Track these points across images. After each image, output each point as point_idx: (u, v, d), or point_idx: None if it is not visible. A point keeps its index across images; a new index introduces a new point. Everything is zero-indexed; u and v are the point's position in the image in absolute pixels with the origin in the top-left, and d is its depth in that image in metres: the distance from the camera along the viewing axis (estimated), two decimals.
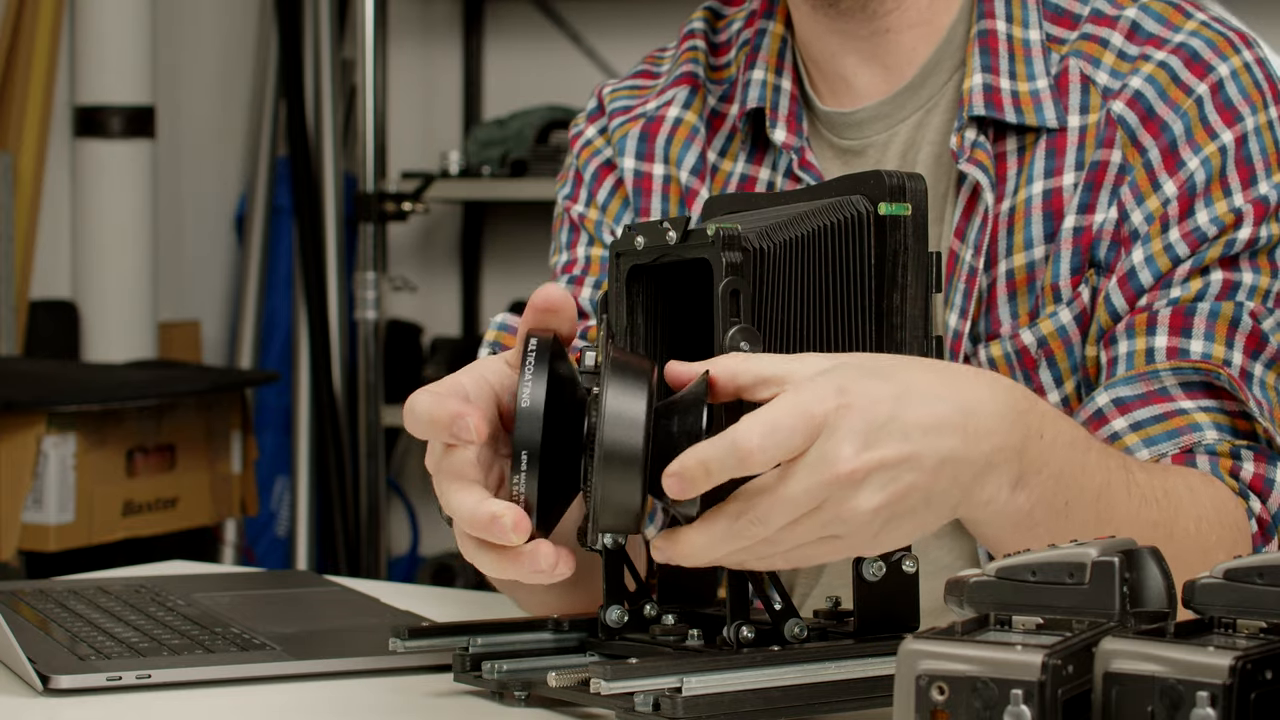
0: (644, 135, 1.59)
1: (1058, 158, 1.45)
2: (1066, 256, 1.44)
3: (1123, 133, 1.44)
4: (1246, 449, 1.37)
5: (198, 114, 4.28)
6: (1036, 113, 1.45)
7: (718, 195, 1.39)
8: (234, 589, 1.66)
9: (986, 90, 1.46)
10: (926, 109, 1.51)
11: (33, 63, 3.80)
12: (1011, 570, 0.96)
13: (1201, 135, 1.43)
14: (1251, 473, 1.36)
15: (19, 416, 3.20)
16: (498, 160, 3.94)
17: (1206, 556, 1.26)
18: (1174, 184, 1.42)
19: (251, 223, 4.24)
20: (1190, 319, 1.40)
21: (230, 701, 1.27)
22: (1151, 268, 1.42)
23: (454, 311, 4.36)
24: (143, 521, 3.40)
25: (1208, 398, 1.39)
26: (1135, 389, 1.38)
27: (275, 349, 4.24)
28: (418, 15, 4.39)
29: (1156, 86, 1.44)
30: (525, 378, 1.09)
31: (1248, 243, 1.42)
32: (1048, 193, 1.44)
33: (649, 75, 1.64)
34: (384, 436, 4.03)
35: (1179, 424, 1.37)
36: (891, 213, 1.18)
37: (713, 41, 1.61)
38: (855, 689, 1.15)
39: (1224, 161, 1.43)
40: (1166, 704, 0.83)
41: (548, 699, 1.21)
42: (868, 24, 1.50)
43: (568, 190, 1.62)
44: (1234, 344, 1.40)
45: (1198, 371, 1.39)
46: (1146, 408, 1.38)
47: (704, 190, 1.56)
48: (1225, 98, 1.44)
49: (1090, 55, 1.47)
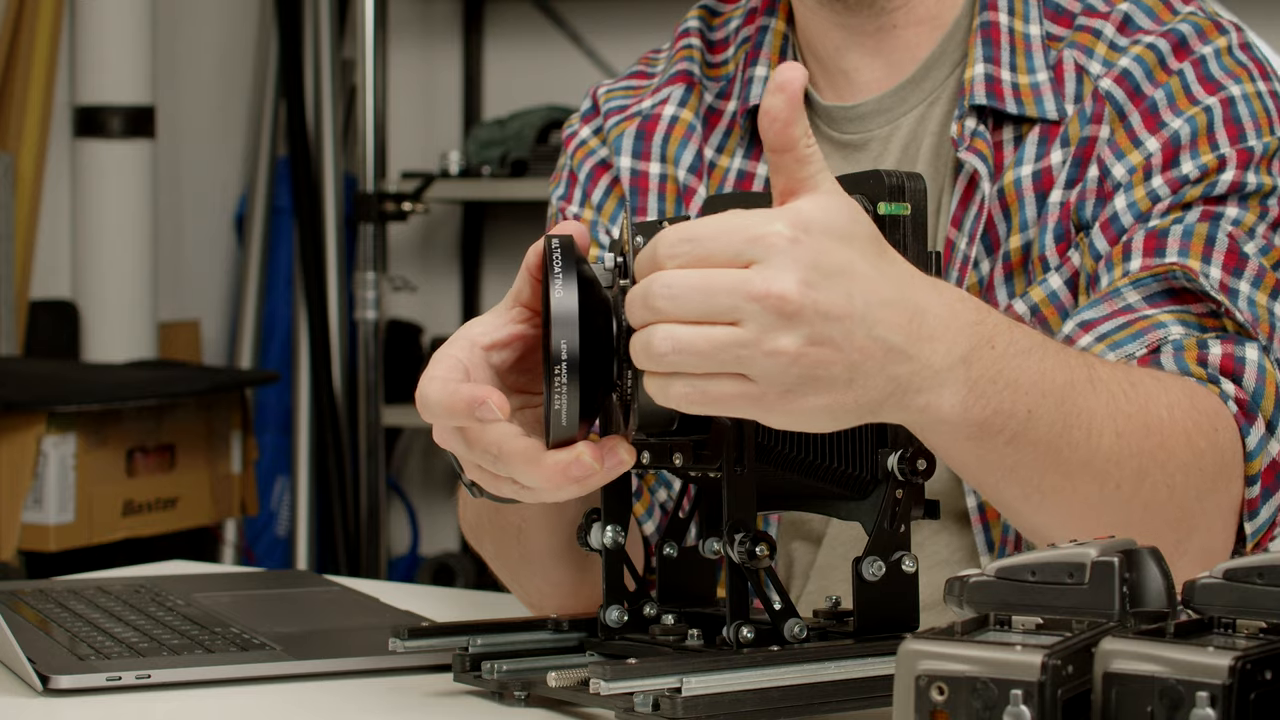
0: (640, 134, 1.59)
1: (1049, 143, 1.45)
2: (1050, 226, 1.44)
3: (1110, 108, 1.44)
4: (1214, 338, 1.33)
5: (198, 114, 4.28)
6: (1037, 104, 1.46)
7: (717, 194, 1.39)
8: (234, 589, 1.66)
9: (988, 80, 1.46)
10: (929, 103, 1.51)
11: (33, 63, 3.80)
12: (1011, 570, 0.96)
13: (1184, 101, 1.43)
14: (1219, 354, 1.31)
15: (19, 416, 3.20)
16: (498, 160, 3.94)
17: (1188, 441, 1.23)
18: (1156, 140, 1.42)
19: (251, 223, 4.24)
20: (1164, 239, 1.38)
21: (230, 701, 1.27)
22: (1133, 211, 1.41)
23: (454, 311, 4.36)
24: (143, 521, 3.40)
25: (1172, 303, 1.36)
26: (1099, 310, 1.36)
27: (275, 349, 4.24)
28: (418, 15, 4.39)
29: (1144, 66, 1.45)
30: (555, 278, 1.10)
31: (1232, 184, 1.40)
32: (1037, 174, 1.45)
33: (644, 75, 1.65)
34: (384, 436, 4.03)
35: (1143, 325, 1.34)
36: (891, 212, 1.18)
37: (709, 39, 1.62)
38: (855, 689, 1.15)
39: (1210, 119, 1.42)
40: (1166, 704, 0.83)
41: (547, 699, 1.21)
42: (874, 19, 1.50)
43: (561, 191, 1.62)
44: (1210, 259, 1.37)
45: (1156, 279, 1.36)
46: (1110, 320, 1.35)
47: (702, 188, 1.56)
48: (1207, 71, 1.44)
49: (1084, 45, 1.47)
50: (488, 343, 1.19)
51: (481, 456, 1.15)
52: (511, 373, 1.20)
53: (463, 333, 1.19)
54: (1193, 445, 1.24)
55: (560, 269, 1.10)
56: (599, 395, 1.12)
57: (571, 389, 1.09)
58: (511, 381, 1.20)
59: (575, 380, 1.09)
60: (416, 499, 4.39)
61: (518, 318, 1.20)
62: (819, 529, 1.52)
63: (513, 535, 1.44)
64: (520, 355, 1.20)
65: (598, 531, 1.24)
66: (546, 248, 1.12)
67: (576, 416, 1.10)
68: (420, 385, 1.15)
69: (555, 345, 1.09)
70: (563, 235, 1.12)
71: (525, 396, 1.21)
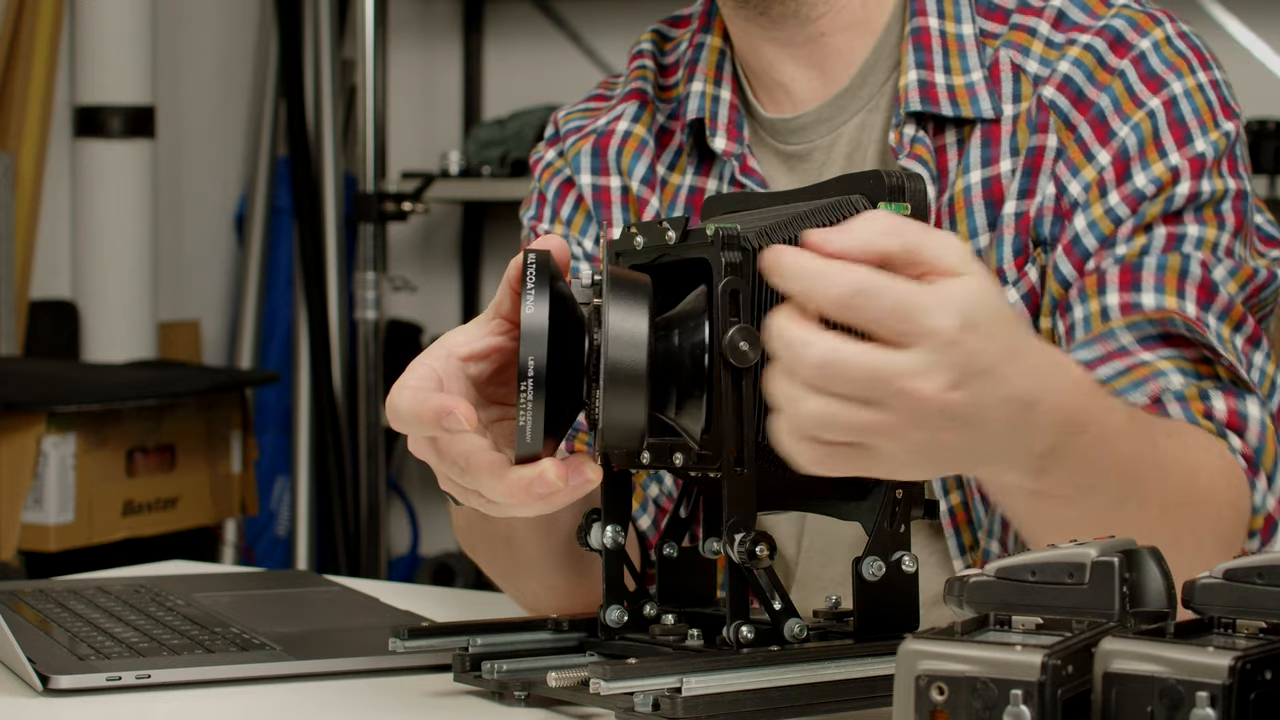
0: (596, 150, 1.61)
1: (993, 146, 1.46)
2: (1009, 240, 1.44)
3: (1055, 117, 1.45)
4: (1214, 389, 1.36)
5: (198, 114, 4.28)
6: (972, 104, 1.46)
7: (717, 195, 1.39)
8: (234, 589, 1.66)
9: (922, 86, 1.47)
10: (868, 110, 1.52)
11: (33, 63, 3.80)
12: (1011, 570, 0.96)
13: (1129, 105, 1.44)
14: (1224, 409, 1.35)
15: (19, 416, 3.20)
16: (498, 160, 3.94)
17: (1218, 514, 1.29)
18: (1107, 153, 1.43)
19: (251, 223, 4.24)
20: (1138, 273, 1.40)
21: (230, 702, 1.27)
22: (1095, 232, 1.42)
23: (454, 311, 4.36)
24: (143, 521, 3.40)
25: (1166, 347, 1.38)
26: (1094, 351, 1.38)
27: (275, 349, 4.24)
28: (418, 15, 4.39)
29: (1084, 69, 1.45)
30: (527, 294, 1.10)
31: (1189, 197, 1.42)
32: (986, 181, 1.45)
33: (602, 99, 1.67)
34: (384, 436, 4.03)
35: (1142, 374, 1.36)
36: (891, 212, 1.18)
37: (661, 63, 1.64)
38: (855, 689, 1.15)
39: (1155, 125, 1.43)
40: (1166, 704, 0.83)
41: (547, 699, 1.21)
42: (801, 29, 1.50)
43: (532, 212, 1.65)
44: (1185, 294, 1.39)
45: (1152, 324, 1.38)
46: (1107, 365, 1.37)
47: (654, 199, 1.58)
48: (1149, 68, 1.45)
49: (1019, 44, 1.48)
50: (465, 353, 1.19)
51: (450, 468, 1.15)
52: (489, 385, 1.21)
53: (442, 342, 1.20)
54: (1221, 516, 1.30)
55: (533, 285, 1.11)
56: (566, 412, 1.12)
57: (538, 405, 1.09)
58: (489, 394, 1.21)
59: (542, 396, 1.09)
60: (416, 499, 4.39)
61: (497, 330, 1.20)
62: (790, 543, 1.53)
63: (502, 543, 1.45)
64: (499, 368, 1.20)
65: (598, 531, 1.24)
66: (523, 263, 1.12)
67: (541, 433, 1.10)
68: (391, 394, 1.15)
69: (523, 361, 1.09)
70: (540, 251, 1.12)
71: (502, 409, 1.21)
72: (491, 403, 1.21)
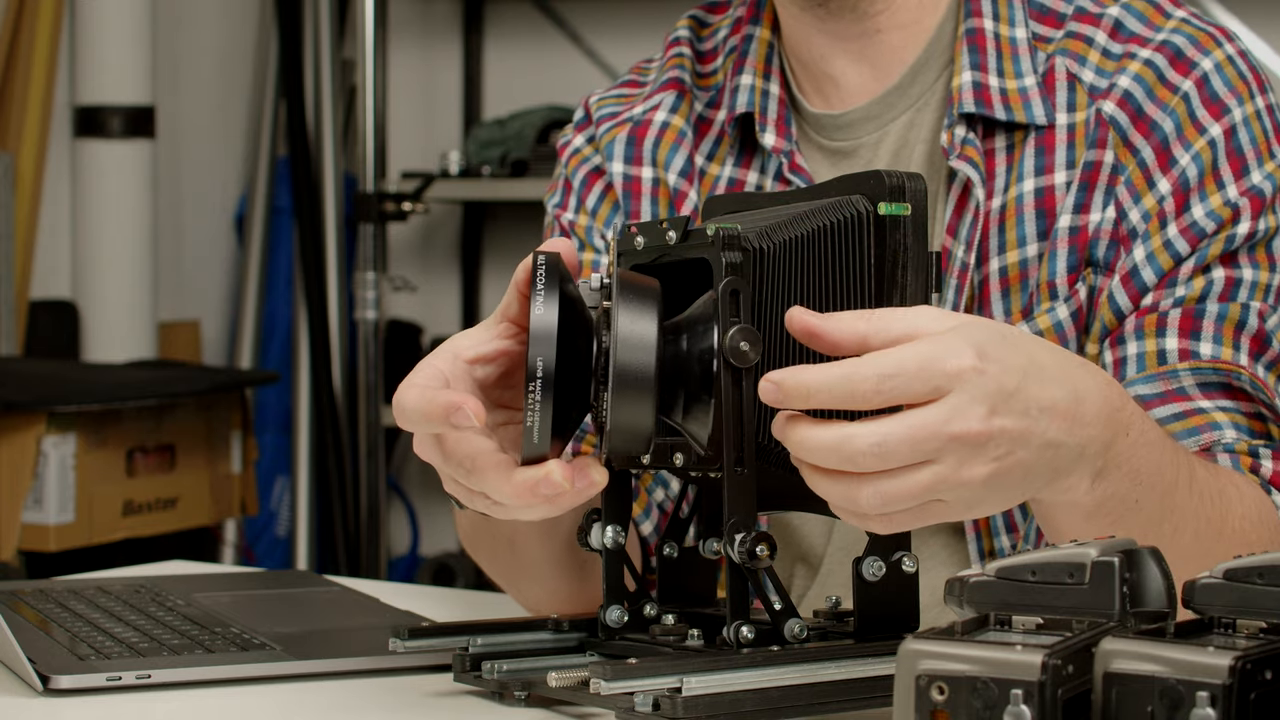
0: (631, 139, 1.59)
1: (1047, 155, 1.45)
2: (1063, 255, 1.44)
3: (1114, 133, 1.44)
4: (1264, 447, 1.38)
5: (198, 114, 4.28)
6: (1025, 109, 1.46)
7: (717, 195, 1.39)
8: (234, 589, 1.66)
9: (975, 87, 1.46)
10: (916, 108, 1.51)
11: (33, 63, 3.80)
12: (1011, 570, 0.96)
13: (1191, 131, 1.44)
14: (1271, 469, 1.37)
15: (19, 416, 3.20)
16: (498, 160, 3.94)
17: (1248, 550, 1.28)
18: (1168, 181, 1.43)
19: (251, 223, 4.24)
20: (1199, 321, 1.42)
21: (230, 701, 1.27)
22: (1153, 265, 1.43)
23: (454, 311, 4.36)
24: (143, 521, 3.40)
25: (1225, 398, 1.40)
26: (1154, 387, 1.40)
27: (275, 349, 4.24)
28: (418, 15, 4.39)
29: (1144, 86, 1.45)
30: (537, 295, 1.10)
31: (1246, 237, 1.43)
32: (1039, 190, 1.45)
33: (635, 84, 1.66)
34: (384, 436, 4.03)
35: (1198, 422, 1.38)
36: (891, 213, 1.18)
37: (698, 49, 1.62)
38: (855, 689, 1.15)
39: (1215, 155, 1.44)
40: (1166, 704, 0.83)
41: (548, 699, 1.21)
42: (857, 24, 1.50)
43: (557, 199, 1.63)
44: (1240, 345, 1.41)
45: (1217, 372, 1.40)
46: (1165, 406, 1.39)
47: (693, 192, 1.56)
48: (1211, 91, 1.45)
49: (1076, 53, 1.47)
50: (472, 356, 1.19)
51: (456, 469, 1.15)
52: (496, 388, 1.21)
53: (448, 345, 1.20)
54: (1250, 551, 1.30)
55: (543, 286, 1.11)
56: (574, 414, 1.12)
57: (545, 406, 1.09)
58: (496, 397, 1.21)
59: (549, 398, 1.09)
60: (416, 499, 4.39)
61: (504, 333, 1.20)
62: (818, 549, 1.52)
63: (504, 546, 1.44)
64: (506, 371, 1.20)
65: (598, 532, 1.24)
66: (533, 265, 1.12)
67: (549, 434, 1.10)
68: (398, 392, 1.15)
69: (531, 362, 1.09)
70: (549, 253, 1.12)
71: (509, 412, 1.21)
72: (498, 406, 1.20)
